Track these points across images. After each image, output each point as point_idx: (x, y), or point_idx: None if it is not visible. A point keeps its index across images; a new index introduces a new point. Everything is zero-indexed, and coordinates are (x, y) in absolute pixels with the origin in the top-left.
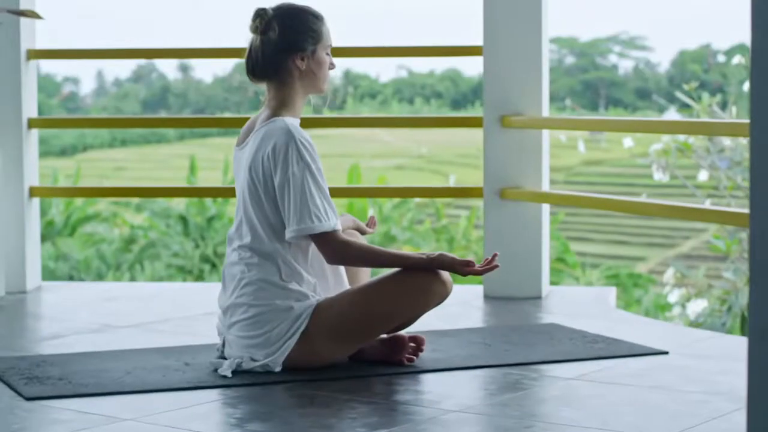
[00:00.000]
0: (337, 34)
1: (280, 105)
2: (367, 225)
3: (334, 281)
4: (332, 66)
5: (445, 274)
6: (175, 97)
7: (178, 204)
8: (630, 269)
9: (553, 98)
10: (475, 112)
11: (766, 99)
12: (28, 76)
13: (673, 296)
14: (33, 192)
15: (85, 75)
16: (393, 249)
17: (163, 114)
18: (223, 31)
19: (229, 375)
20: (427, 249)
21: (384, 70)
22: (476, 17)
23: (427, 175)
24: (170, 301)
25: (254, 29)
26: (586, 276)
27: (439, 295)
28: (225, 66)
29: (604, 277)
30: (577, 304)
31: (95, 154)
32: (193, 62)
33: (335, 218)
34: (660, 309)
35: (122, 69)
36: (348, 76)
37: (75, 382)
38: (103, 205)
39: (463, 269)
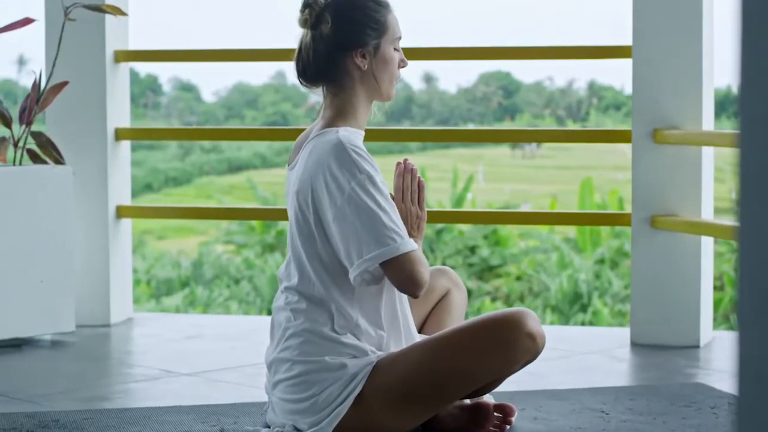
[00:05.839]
0: (469, 33)
1: (338, 114)
2: None
3: (405, 334)
4: (403, 63)
5: (535, 325)
6: (419, 107)
7: None
8: None
9: None
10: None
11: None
12: (116, 81)
13: None
14: (120, 212)
15: None
16: None
17: (406, 125)
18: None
19: None
20: None
21: (629, 80)
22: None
23: None
24: (259, 342)
25: (303, 23)
26: None
27: (527, 352)
28: (469, 77)
29: None
30: None
31: None
32: (437, 73)
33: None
34: None
35: None
36: (592, 87)
37: None
38: None
39: None
